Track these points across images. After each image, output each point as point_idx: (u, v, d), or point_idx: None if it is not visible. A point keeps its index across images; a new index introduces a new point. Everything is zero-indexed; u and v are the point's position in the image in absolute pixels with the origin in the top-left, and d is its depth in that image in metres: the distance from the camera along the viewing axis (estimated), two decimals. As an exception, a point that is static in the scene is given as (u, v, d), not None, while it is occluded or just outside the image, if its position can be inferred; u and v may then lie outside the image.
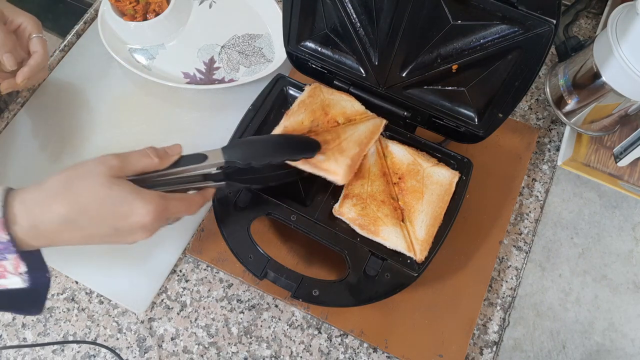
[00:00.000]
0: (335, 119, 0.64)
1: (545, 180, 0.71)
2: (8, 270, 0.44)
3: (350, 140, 0.60)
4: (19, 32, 0.66)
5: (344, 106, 0.65)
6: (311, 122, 0.62)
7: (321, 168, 0.58)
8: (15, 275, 0.44)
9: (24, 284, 0.45)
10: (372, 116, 0.65)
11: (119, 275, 0.64)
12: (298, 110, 0.64)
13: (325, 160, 0.58)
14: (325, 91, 0.66)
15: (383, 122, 0.64)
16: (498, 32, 0.51)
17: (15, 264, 0.44)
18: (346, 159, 0.58)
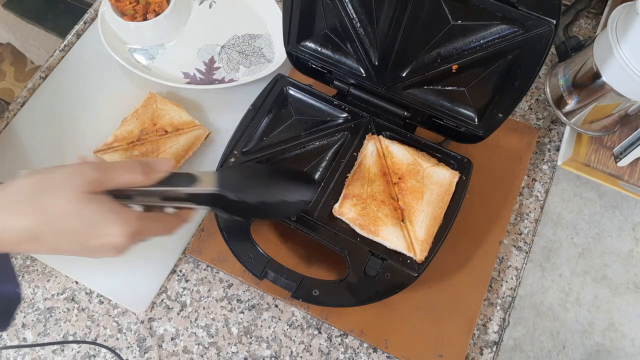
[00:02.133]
0: (164, 128, 0.70)
1: (545, 180, 0.71)
2: None
3: (168, 153, 0.68)
4: None
5: (172, 116, 0.71)
6: (140, 131, 0.69)
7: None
8: None
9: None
10: (199, 126, 0.70)
11: (119, 275, 0.64)
12: (131, 119, 0.70)
13: None
14: (159, 101, 0.71)
15: (206, 132, 0.70)
16: (498, 32, 0.51)
17: None
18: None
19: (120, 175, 0.43)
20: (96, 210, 0.40)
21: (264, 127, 0.66)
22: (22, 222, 0.39)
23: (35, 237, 0.39)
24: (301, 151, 0.65)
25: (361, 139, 0.65)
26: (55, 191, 0.40)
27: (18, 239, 0.39)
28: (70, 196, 0.40)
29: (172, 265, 0.65)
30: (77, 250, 0.41)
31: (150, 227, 0.44)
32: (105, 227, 0.40)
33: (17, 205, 0.39)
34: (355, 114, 0.66)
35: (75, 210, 0.40)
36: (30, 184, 0.40)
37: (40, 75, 0.78)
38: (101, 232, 0.40)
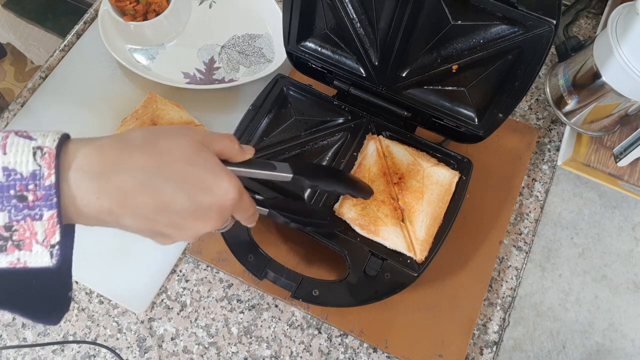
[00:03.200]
0: None
1: (545, 180, 0.71)
2: (36, 238, 0.32)
3: None
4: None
5: (172, 116, 0.70)
6: None
7: None
8: (44, 247, 0.32)
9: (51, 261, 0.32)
10: (199, 126, 0.70)
11: (119, 275, 0.64)
12: (130, 119, 0.70)
13: None
14: (159, 101, 0.71)
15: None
16: (498, 33, 0.51)
17: (50, 228, 0.32)
18: None
19: (220, 139, 0.40)
20: (209, 159, 0.38)
21: (264, 127, 0.66)
22: (141, 161, 0.35)
23: (151, 183, 0.35)
24: (301, 151, 0.65)
25: (361, 139, 0.65)
26: (171, 137, 0.37)
27: (132, 185, 0.34)
28: (185, 142, 0.37)
29: (172, 265, 0.65)
30: (185, 209, 0.36)
31: (247, 201, 0.42)
32: (217, 178, 0.37)
33: (135, 147, 0.35)
34: (355, 114, 0.66)
35: (192, 154, 0.37)
36: (146, 131, 0.37)
37: (40, 75, 0.78)
38: (215, 185, 0.37)
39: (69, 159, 0.33)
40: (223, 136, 0.41)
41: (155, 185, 0.35)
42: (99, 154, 0.34)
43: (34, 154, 0.32)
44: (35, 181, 0.31)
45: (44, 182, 0.32)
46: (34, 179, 0.31)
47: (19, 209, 0.31)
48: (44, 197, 0.32)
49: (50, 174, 0.32)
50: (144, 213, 0.35)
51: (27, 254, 0.32)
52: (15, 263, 0.32)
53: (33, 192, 0.31)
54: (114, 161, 0.34)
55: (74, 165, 0.33)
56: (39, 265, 0.32)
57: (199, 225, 0.38)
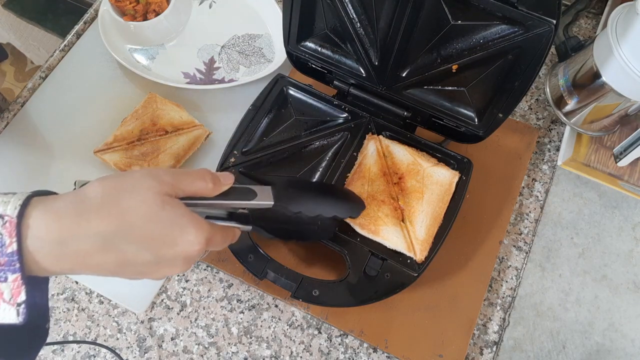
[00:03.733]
0: (164, 128, 0.70)
1: (545, 180, 0.71)
2: (3, 298, 0.33)
3: (168, 153, 0.68)
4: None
5: (172, 116, 0.71)
6: (140, 131, 0.69)
7: None
8: (10, 305, 0.34)
9: (18, 319, 0.34)
10: (199, 126, 0.70)
11: (119, 275, 0.64)
12: (131, 119, 0.70)
13: None
14: (159, 101, 0.71)
15: (206, 132, 0.70)
16: (498, 32, 0.51)
17: (15, 288, 0.33)
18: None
19: (192, 181, 0.40)
20: (173, 213, 0.37)
21: (264, 127, 0.66)
22: (100, 226, 0.35)
23: (110, 245, 0.36)
24: (301, 151, 0.65)
25: (361, 139, 0.65)
26: (132, 193, 0.37)
27: (90, 249, 0.35)
28: (148, 197, 0.37)
29: (172, 265, 0.65)
30: (147, 262, 0.37)
31: (218, 238, 0.41)
32: (182, 232, 0.37)
33: (94, 211, 0.36)
34: (355, 114, 0.66)
35: (154, 212, 0.37)
36: (106, 188, 0.37)
37: (40, 75, 0.78)
38: (178, 238, 0.37)
39: (29, 226, 0.34)
40: (195, 177, 0.41)
41: (116, 246, 0.36)
42: (57, 221, 0.35)
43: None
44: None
45: (6, 249, 0.33)
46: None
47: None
48: (7, 262, 0.33)
49: (11, 242, 0.33)
50: (107, 269, 0.37)
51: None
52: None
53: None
54: (71, 228, 0.35)
55: (33, 234, 0.34)
56: (7, 321, 0.34)
57: (165, 271, 0.39)
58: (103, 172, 0.70)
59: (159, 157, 0.68)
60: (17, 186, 0.69)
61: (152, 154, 0.68)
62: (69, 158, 0.71)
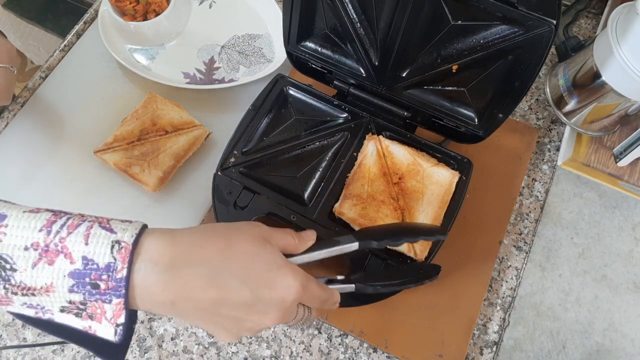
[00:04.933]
0: (164, 128, 0.70)
1: (545, 180, 0.71)
2: (105, 316, 0.36)
3: (168, 153, 0.68)
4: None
5: (172, 116, 0.71)
6: (140, 131, 0.70)
7: (136, 178, 0.66)
8: (111, 325, 0.36)
9: (114, 338, 0.36)
10: (199, 126, 0.71)
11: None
12: (131, 119, 0.70)
13: (141, 172, 0.67)
14: (159, 101, 0.71)
15: (206, 132, 0.70)
16: (498, 33, 0.51)
17: (117, 311, 0.35)
18: (159, 172, 0.67)
19: (281, 237, 0.43)
20: (273, 255, 0.40)
21: (264, 127, 0.66)
22: (210, 255, 0.38)
23: (214, 276, 0.37)
24: (301, 151, 0.65)
25: (361, 139, 0.65)
26: (239, 231, 0.40)
27: (197, 280, 0.37)
28: (254, 237, 0.40)
29: (172, 265, 0.65)
30: (244, 303, 0.38)
31: (314, 291, 0.42)
32: (279, 273, 0.39)
33: (205, 240, 0.39)
34: (355, 114, 0.66)
35: (256, 250, 0.39)
36: (214, 225, 0.41)
37: (40, 75, 0.78)
38: (276, 279, 0.39)
39: (143, 251, 0.36)
40: (283, 233, 0.43)
41: (220, 279, 0.37)
42: (171, 246, 0.37)
43: (112, 247, 0.35)
44: (108, 272, 0.35)
45: (117, 274, 0.35)
46: (108, 271, 0.35)
47: (92, 294, 0.35)
48: (115, 287, 0.35)
49: (123, 267, 0.35)
50: (205, 306, 0.37)
51: (96, 324, 0.36)
52: (87, 328, 0.36)
53: (106, 282, 0.35)
54: (184, 253, 0.37)
55: (145, 257, 0.36)
56: (105, 336, 0.36)
57: (258, 319, 0.39)
58: (103, 172, 0.70)
59: (159, 157, 0.68)
60: (17, 186, 0.69)
61: (152, 154, 0.68)
62: (69, 158, 0.71)
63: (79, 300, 0.35)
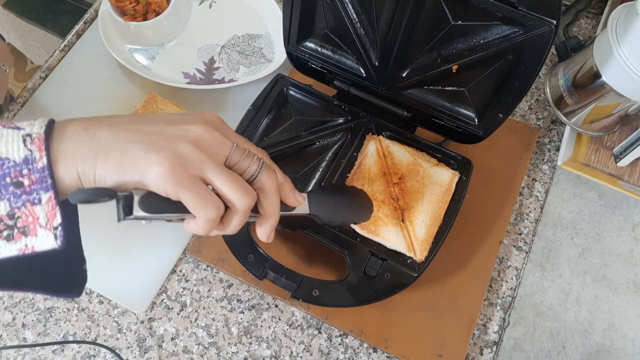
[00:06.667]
0: None
1: (545, 180, 0.71)
2: (39, 222, 0.33)
3: None
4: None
5: None
6: None
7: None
8: (48, 230, 0.33)
9: (56, 243, 0.34)
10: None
11: (119, 275, 0.64)
12: None
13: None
14: (159, 101, 0.71)
15: None
16: (498, 33, 0.51)
17: (50, 210, 0.33)
18: None
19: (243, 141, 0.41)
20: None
21: (264, 127, 0.66)
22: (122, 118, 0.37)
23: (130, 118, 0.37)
24: (301, 151, 0.65)
25: (361, 139, 0.65)
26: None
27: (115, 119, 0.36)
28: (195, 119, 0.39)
29: (172, 265, 0.65)
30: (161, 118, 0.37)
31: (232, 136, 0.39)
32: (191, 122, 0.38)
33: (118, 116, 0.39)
34: (356, 114, 0.66)
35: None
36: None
37: (40, 75, 0.78)
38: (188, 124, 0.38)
39: (56, 138, 0.34)
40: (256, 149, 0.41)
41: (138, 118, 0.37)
42: (84, 121, 0.36)
43: (24, 141, 0.33)
44: (28, 165, 0.33)
45: (37, 165, 0.33)
46: (27, 164, 0.33)
47: (17, 196, 0.33)
48: (39, 179, 0.33)
49: (41, 156, 0.33)
50: (124, 127, 0.36)
51: (33, 239, 0.33)
52: (24, 249, 0.33)
53: (28, 176, 0.33)
54: (98, 120, 0.36)
55: (60, 138, 0.34)
56: (46, 248, 0.34)
57: (180, 128, 0.37)
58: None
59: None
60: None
61: None
62: (69, 158, 0.71)
63: (6, 212, 0.33)
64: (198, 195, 0.35)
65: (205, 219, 0.36)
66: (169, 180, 0.34)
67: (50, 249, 0.34)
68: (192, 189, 0.34)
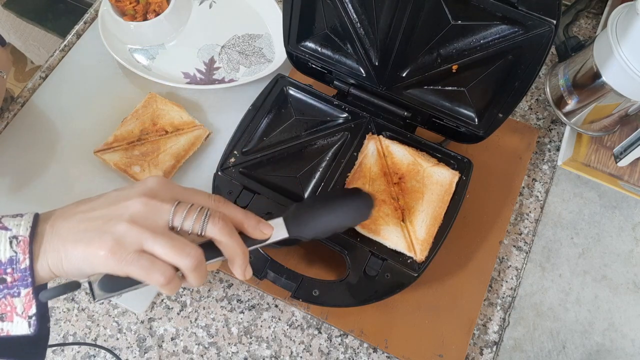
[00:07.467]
0: (164, 128, 0.70)
1: (545, 180, 0.71)
2: (16, 311, 0.38)
3: (168, 153, 0.68)
4: None
5: (172, 116, 0.71)
6: (140, 131, 0.70)
7: (136, 178, 0.67)
8: (23, 318, 0.38)
9: (29, 330, 0.38)
10: (199, 127, 0.70)
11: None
12: (131, 119, 0.70)
13: (141, 172, 0.67)
14: (159, 101, 0.71)
15: (206, 132, 0.70)
16: (498, 33, 0.51)
17: (27, 302, 0.38)
18: (159, 172, 0.68)
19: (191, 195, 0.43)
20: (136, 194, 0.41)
21: (264, 127, 0.66)
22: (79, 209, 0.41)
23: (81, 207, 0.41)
24: (301, 151, 0.65)
25: (361, 139, 0.65)
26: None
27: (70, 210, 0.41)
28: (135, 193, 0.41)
29: (172, 265, 0.65)
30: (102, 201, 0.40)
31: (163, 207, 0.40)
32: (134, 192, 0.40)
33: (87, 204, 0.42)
34: (356, 114, 0.66)
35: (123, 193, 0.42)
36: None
37: (40, 75, 0.78)
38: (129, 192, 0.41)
39: (39, 238, 0.39)
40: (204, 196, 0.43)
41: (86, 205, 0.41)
42: (52, 217, 0.40)
43: (10, 242, 0.38)
44: (12, 265, 0.37)
45: (20, 265, 0.37)
46: (11, 264, 0.37)
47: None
48: (21, 278, 0.37)
49: (24, 258, 0.37)
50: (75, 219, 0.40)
51: (9, 324, 0.38)
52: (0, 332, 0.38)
53: (11, 274, 0.37)
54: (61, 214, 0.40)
55: (41, 236, 0.39)
56: (20, 333, 0.38)
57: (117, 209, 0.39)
58: (103, 172, 0.70)
59: (159, 157, 0.68)
60: (17, 186, 0.69)
61: (152, 154, 0.68)
62: (69, 158, 0.71)
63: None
64: (141, 268, 0.37)
65: (159, 285, 0.38)
66: (113, 261, 0.37)
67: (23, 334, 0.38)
68: (134, 264, 0.37)
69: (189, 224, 0.39)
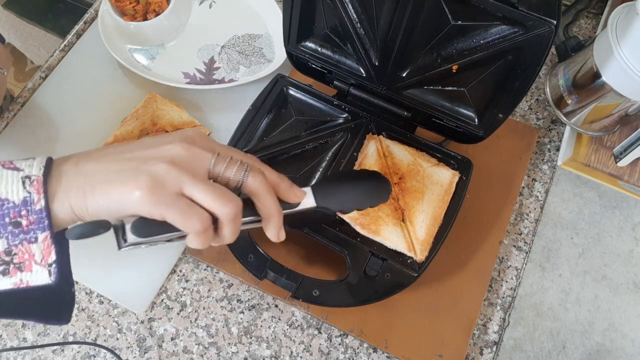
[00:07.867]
0: (164, 128, 0.70)
1: (545, 180, 0.71)
2: (35, 259, 0.35)
3: None
4: None
5: (172, 116, 0.71)
6: (140, 131, 0.69)
7: None
8: (42, 267, 0.35)
9: (50, 279, 0.36)
10: (199, 127, 0.71)
11: (119, 275, 0.64)
12: (131, 119, 0.70)
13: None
14: (159, 101, 0.71)
15: (206, 132, 0.70)
16: (498, 33, 0.51)
17: (45, 249, 0.35)
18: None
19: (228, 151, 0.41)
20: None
21: (264, 127, 0.66)
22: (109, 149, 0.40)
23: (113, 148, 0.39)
24: (301, 151, 0.65)
25: (361, 139, 0.65)
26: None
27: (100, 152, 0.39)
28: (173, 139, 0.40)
29: (172, 265, 0.65)
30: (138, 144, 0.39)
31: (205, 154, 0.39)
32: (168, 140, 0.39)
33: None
34: (356, 114, 0.66)
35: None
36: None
37: (40, 75, 0.78)
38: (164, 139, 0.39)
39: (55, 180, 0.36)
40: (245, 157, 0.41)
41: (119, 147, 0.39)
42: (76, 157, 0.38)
43: (23, 182, 0.35)
44: (27, 207, 0.35)
45: (35, 206, 0.35)
46: (26, 205, 0.35)
47: (15, 235, 0.35)
48: (37, 220, 0.35)
49: (39, 198, 0.35)
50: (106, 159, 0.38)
51: (28, 274, 0.35)
52: (19, 284, 0.35)
53: (26, 217, 0.35)
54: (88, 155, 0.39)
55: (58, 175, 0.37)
56: (40, 283, 0.36)
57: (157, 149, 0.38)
58: (103, 172, 0.70)
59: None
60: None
61: None
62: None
63: (3, 249, 0.34)
64: (179, 211, 0.35)
65: (194, 233, 0.36)
66: (150, 202, 0.35)
67: (44, 284, 0.36)
68: (172, 206, 0.35)
69: (230, 173, 0.38)
